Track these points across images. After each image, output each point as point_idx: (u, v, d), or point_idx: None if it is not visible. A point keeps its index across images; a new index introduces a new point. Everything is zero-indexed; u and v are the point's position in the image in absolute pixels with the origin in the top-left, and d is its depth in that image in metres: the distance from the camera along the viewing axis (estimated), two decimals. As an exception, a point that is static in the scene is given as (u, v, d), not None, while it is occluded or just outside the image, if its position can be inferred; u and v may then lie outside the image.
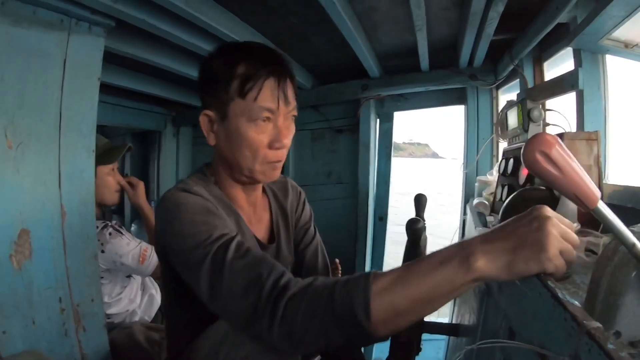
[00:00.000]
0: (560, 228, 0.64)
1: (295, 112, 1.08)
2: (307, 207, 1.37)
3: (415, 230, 1.37)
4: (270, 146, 1.03)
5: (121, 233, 1.92)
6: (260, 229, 1.20)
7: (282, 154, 1.07)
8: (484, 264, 0.65)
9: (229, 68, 1.01)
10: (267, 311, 0.76)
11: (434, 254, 0.72)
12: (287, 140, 1.05)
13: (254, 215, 1.19)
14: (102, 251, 1.79)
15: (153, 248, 1.95)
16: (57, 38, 1.47)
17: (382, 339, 0.75)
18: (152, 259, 1.91)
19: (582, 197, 0.61)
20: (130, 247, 1.89)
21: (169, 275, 1.06)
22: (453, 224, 2.93)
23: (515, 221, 0.68)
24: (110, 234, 1.87)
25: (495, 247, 0.66)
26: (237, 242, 0.88)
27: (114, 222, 1.98)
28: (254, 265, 0.83)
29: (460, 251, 0.68)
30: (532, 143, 0.62)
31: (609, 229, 0.61)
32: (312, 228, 1.36)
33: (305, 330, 0.73)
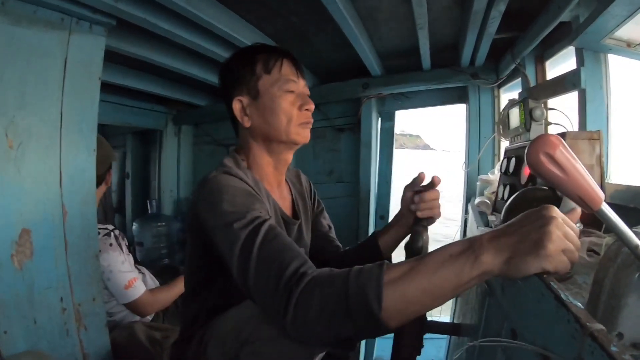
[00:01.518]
0: (564, 229, 0.65)
1: (308, 91, 1.28)
2: (318, 197, 1.55)
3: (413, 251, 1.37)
4: (301, 108, 1.22)
5: (121, 250, 1.92)
6: (285, 208, 1.33)
7: (310, 116, 1.25)
8: (489, 259, 0.67)
9: (250, 59, 1.23)
10: (283, 298, 0.79)
11: (444, 247, 0.74)
12: (312, 105, 1.24)
13: (281, 196, 1.33)
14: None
15: (140, 280, 1.97)
16: (57, 37, 1.47)
17: (389, 331, 0.76)
18: (136, 290, 1.90)
19: (586, 198, 0.61)
20: (124, 268, 1.89)
21: (199, 259, 1.15)
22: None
23: (522, 218, 0.70)
24: (111, 244, 1.88)
25: (500, 242, 0.68)
26: (269, 225, 0.95)
27: (117, 231, 1.98)
28: (279, 251, 0.88)
29: (469, 246, 0.71)
30: (536, 144, 0.62)
31: (612, 230, 0.61)
32: (325, 212, 1.56)
33: (318, 319, 0.76)
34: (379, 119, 3.08)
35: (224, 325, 0.99)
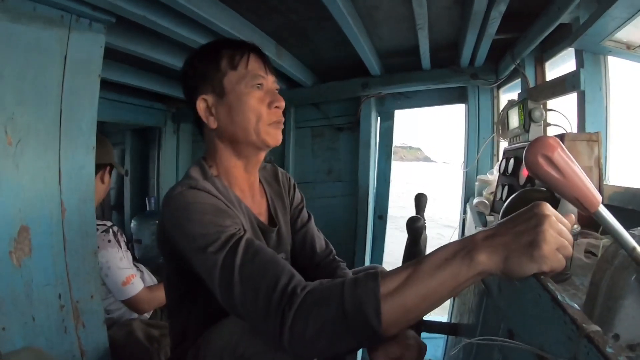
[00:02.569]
0: (558, 227, 0.65)
1: (278, 86, 1.22)
2: (298, 190, 1.46)
3: (415, 228, 1.37)
4: (270, 106, 1.14)
5: (120, 246, 1.92)
6: (260, 214, 1.26)
7: (281, 114, 1.18)
8: (485, 258, 0.67)
9: (214, 54, 1.15)
10: (276, 321, 0.76)
11: (438, 250, 0.73)
12: (283, 102, 1.16)
13: (254, 201, 1.24)
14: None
15: (139, 277, 1.96)
16: (57, 34, 1.47)
17: (391, 338, 0.76)
18: (133, 287, 1.90)
19: (584, 200, 0.62)
20: (122, 264, 1.89)
21: (177, 273, 1.09)
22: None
23: (515, 217, 0.69)
24: (109, 241, 1.87)
25: (495, 242, 0.68)
26: (246, 242, 0.91)
27: (115, 227, 1.98)
28: (262, 270, 0.84)
29: (464, 246, 0.70)
30: (534, 146, 0.63)
31: (609, 232, 0.61)
32: (305, 209, 1.44)
33: (317, 339, 0.74)
34: (378, 118, 3.09)
35: (218, 340, 0.95)
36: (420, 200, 1.46)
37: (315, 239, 1.40)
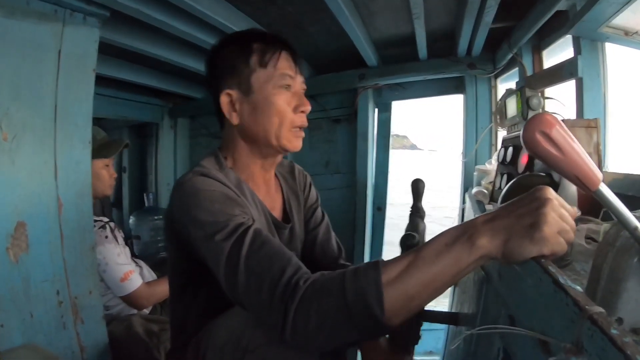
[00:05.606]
0: (559, 210, 0.65)
1: (305, 87, 1.18)
2: (314, 188, 1.43)
3: (409, 245, 1.35)
4: (295, 110, 1.12)
5: (117, 242, 1.91)
6: (275, 210, 1.24)
7: (305, 120, 1.15)
8: (486, 242, 0.66)
9: (245, 47, 1.12)
10: (279, 313, 0.76)
11: (439, 236, 0.72)
12: (309, 107, 1.14)
13: (268, 196, 1.23)
14: None
15: (137, 273, 1.96)
16: (51, 29, 1.46)
17: (394, 328, 0.75)
18: (132, 283, 1.89)
19: (584, 178, 0.61)
20: (120, 260, 1.89)
21: (181, 260, 1.09)
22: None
23: (517, 201, 0.69)
24: (106, 237, 1.87)
25: (495, 225, 0.67)
26: (254, 232, 0.89)
27: (112, 223, 1.97)
28: (268, 261, 0.83)
29: (464, 231, 0.69)
30: (532, 123, 0.62)
31: (610, 211, 0.60)
32: (320, 208, 1.42)
33: (320, 330, 0.73)
34: (376, 109, 3.07)
35: (219, 333, 0.95)
36: (417, 187, 1.45)
37: (326, 242, 1.37)
